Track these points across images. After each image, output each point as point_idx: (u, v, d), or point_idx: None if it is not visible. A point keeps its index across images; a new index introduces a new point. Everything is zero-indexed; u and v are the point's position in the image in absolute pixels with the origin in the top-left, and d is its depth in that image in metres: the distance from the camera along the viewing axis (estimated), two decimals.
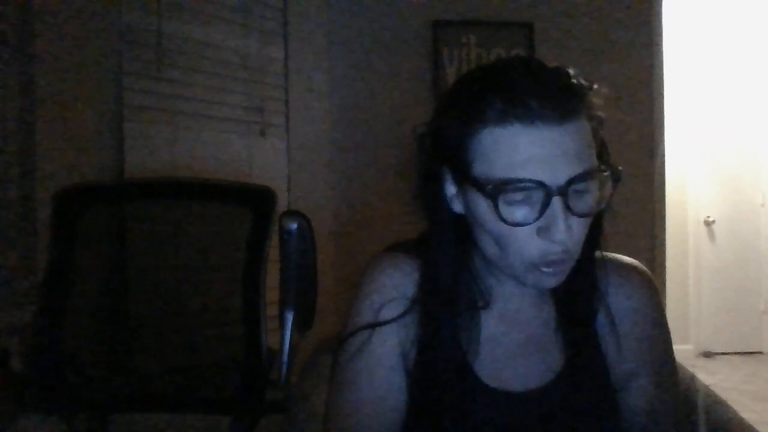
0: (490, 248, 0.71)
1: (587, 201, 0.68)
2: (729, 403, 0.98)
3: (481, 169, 0.67)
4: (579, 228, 0.68)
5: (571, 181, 0.65)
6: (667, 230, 2.93)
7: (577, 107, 0.66)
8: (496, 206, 0.66)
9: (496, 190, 0.65)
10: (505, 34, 2.77)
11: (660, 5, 2.88)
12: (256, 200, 1.40)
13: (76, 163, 1.70)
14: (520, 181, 0.65)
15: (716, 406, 0.97)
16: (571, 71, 0.69)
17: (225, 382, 1.38)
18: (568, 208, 0.65)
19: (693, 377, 1.01)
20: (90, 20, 1.75)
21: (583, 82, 0.69)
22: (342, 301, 2.43)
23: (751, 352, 4.60)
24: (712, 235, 4.65)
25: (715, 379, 3.91)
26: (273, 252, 1.36)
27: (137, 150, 1.87)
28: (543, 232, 0.66)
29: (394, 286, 0.78)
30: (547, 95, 0.64)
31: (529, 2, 2.80)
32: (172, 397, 1.40)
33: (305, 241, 1.34)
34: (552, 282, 0.71)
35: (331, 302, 2.37)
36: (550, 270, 0.69)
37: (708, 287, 4.60)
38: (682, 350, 4.39)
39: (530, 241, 0.67)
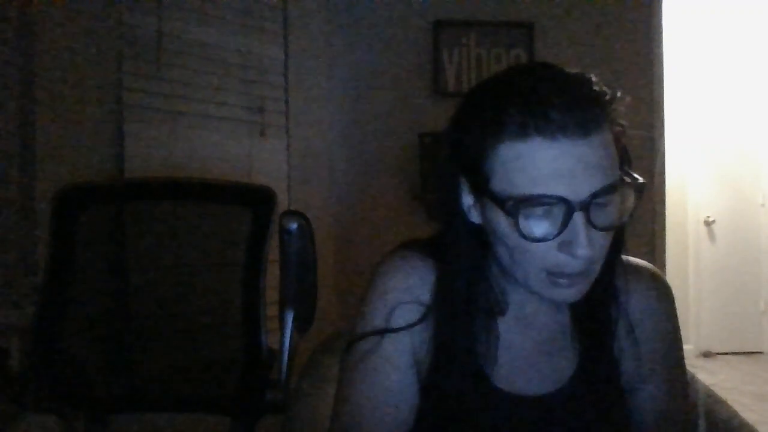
0: (507, 260, 0.70)
1: (610, 214, 0.66)
2: (729, 403, 0.98)
3: (500, 183, 0.65)
4: (601, 242, 0.66)
5: (593, 196, 0.63)
6: (667, 230, 2.93)
7: (600, 118, 0.64)
8: (516, 223, 0.64)
9: (517, 206, 0.64)
10: (505, 34, 2.77)
11: (660, 5, 2.89)
12: (256, 200, 1.40)
13: (76, 163, 1.70)
14: (542, 197, 0.63)
15: (716, 406, 0.97)
16: (593, 78, 0.67)
17: (225, 382, 1.38)
18: (590, 222, 0.63)
19: (693, 377, 1.01)
20: (90, 20, 1.75)
21: (605, 89, 0.67)
22: (342, 301, 2.43)
23: (751, 352, 4.60)
24: (712, 235, 4.65)
25: (715, 379, 3.91)
26: (273, 252, 1.36)
27: (137, 150, 1.87)
28: (564, 247, 0.65)
29: (408, 288, 0.76)
30: (569, 106, 0.62)
31: (529, 2, 2.80)
32: (172, 397, 1.40)
33: (305, 241, 1.34)
34: (570, 296, 0.69)
35: (331, 302, 2.37)
36: (566, 282, 0.68)
37: (708, 287, 4.60)
38: None
39: (550, 255, 0.66)
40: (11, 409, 1.37)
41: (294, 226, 1.33)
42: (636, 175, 0.69)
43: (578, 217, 0.63)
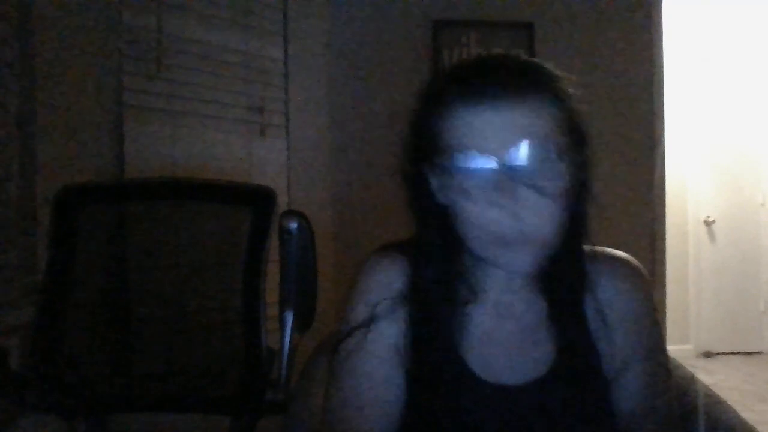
0: (463, 232, 0.74)
1: (540, 175, 0.69)
2: (729, 403, 0.98)
3: (444, 151, 0.71)
4: (536, 204, 0.69)
5: (517, 151, 0.68)
6: (667, 230, 2.93)
7: (537, 90, 0.70)
8: (451, 180, 0.70)
9: (451, 165, 0.70)
10: (505, 34, 2.77)
11: (660, 5, 2.89)
12: (256, 200, 1.40)
13: (76, 163, 1.70)
14: (468, 151, 0.69)
15: (716, 406, 0.96)
16: (540, 62, 0.73)
17: (225, 382, 1.38)
18: (516, 178, 0.68)
19: (693, 377, 1.01)
20: (90, 20, 1.75)
21: (553, 71, 0.73)
22: (342, 301, 2.43)
23: (751, 352, 4.60)
24: (712, 235, 4.65)
25: (715, 379, 3.91)
26: (273, 252, 1.36)
27: (137, 150, 1.87)
28: (493, 203, 0.69)
29: (386, 285, 0.80)
30: (504, 76, 0.70)
31: (529, 2, 2.80)
32: (172, 397, 1.40)
33: (305, 241, 1.34)
34: (521, 263, 0.72)
35: (331, 302, 2.37)
36: (511, 248, 0.70)
37: (708, 287, 4.60)
38: (682, 350, 4.39)
39: (484, 212, 0.70)
40: (11, 409, 1.37)
41: (294, 226, 1.33)
42: (583, 153, 0.74)
43: (502, 172, 0.68)
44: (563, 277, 0.77)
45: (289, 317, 1.34)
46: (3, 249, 1.54)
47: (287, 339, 1.34)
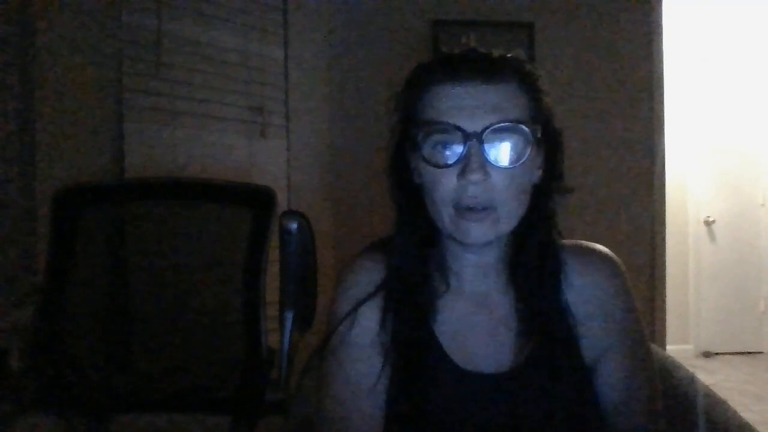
0: (430, 208, 0.78)
1: (508, 153, 0.74)
2: (729, 403, 0.98)
3: (418, 126, 0.76)
4: (499, 178, 0.74)
5: (487, 128, 0.72)
6: (667, 230, 2.93)
7: (505, 74, 0.75)
8: (422, 149, 0.75)
9: (423, 135, 0.75)
10: (505, 34, 2.77)
11: (660, 5, 2.89)
12: (256, 200, 1.40)
13: (76, 163, 1.70)
14: (441, 123, 0.73)
15: (716, 406, 0.96)
16: (521, 58, 0.78)
17: (225, 382, 1.38)
18: (484, 153, 0.72)
19: (693, 377, 1.01)
20: (90, 20, 1.75)
21: (530, 68, 0.78)
22: None
23: (751, 352, 4.59)
24: (712, 235, 4.65)
25: (715, 379, 3.91)
26: (273, 252, 1.36)
27: (137, 150, 1.87)
28: (461, 175, 0.73)
29: (366, 281, 0.83)
30: (476, 62, 0.75)
31: (529, 2, 2.80)
32: (172, 397, 1.40)
33: (305, 241, 1.34)
34: (477, 234, 0.75)
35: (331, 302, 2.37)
36: (471, 217, 0.74)
37: (708, 287, 4.60)
38: (682, 350, 4.38)
39: (451, 183, 0.74)
40: (11, 409, 1.37)
41: (294, 226, 1.33)
42: (553, 144, 0.79)
43: (473, 146, 0.72)
44: (537, 267, 0.80)
45: (289, 317, 1.34)
46: (3, 249, 1.54)
47: (287, 339, 1.34)
